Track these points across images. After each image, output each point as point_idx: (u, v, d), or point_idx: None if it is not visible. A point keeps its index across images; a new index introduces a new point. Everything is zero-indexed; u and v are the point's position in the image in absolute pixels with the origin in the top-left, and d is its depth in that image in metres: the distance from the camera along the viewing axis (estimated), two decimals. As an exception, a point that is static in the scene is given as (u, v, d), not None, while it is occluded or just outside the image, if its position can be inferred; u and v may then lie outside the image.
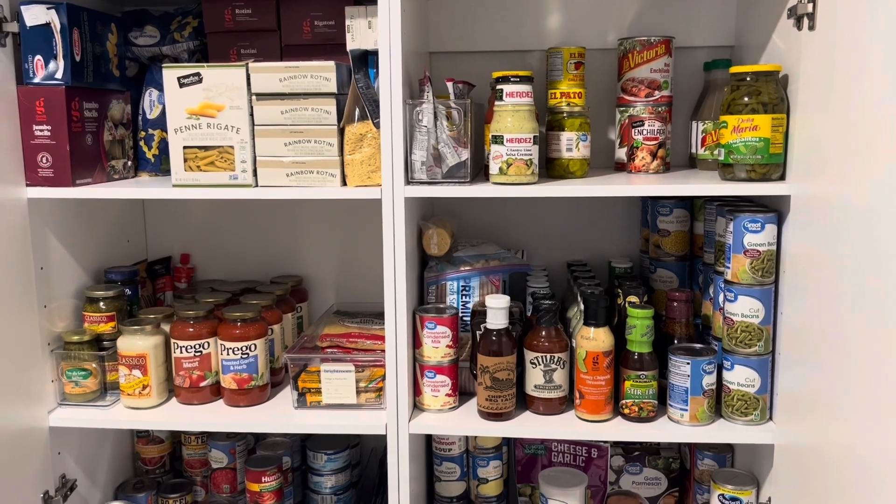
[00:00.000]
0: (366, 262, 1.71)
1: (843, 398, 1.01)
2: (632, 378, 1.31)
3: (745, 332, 1.26)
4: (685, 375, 1.28)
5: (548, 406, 1.35)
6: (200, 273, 1.77)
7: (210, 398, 1.42)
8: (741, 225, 1.24)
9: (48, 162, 1.31)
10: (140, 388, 1.39)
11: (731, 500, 1.36)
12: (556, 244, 1.68)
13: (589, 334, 1.31)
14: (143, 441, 1.68)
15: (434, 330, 1.35)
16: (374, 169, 1.27)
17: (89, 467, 1.53)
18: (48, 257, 1.39)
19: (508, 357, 1.32)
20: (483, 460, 1.56)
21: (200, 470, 1.67)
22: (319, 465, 1.58)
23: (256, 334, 1.40)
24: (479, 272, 1.43)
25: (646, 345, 1.31)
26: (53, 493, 1.39)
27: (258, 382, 1.41)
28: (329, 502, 1.58)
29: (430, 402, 1.37)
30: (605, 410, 1.32)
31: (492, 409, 1.33)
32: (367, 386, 1.39)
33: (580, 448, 1.56)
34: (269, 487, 1.46)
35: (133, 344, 1.39)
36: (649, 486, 1.64)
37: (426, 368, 1.36)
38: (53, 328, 1.41)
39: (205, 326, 1.41)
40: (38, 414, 1.36)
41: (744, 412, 1.28)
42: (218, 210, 1.74)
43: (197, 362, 1.40)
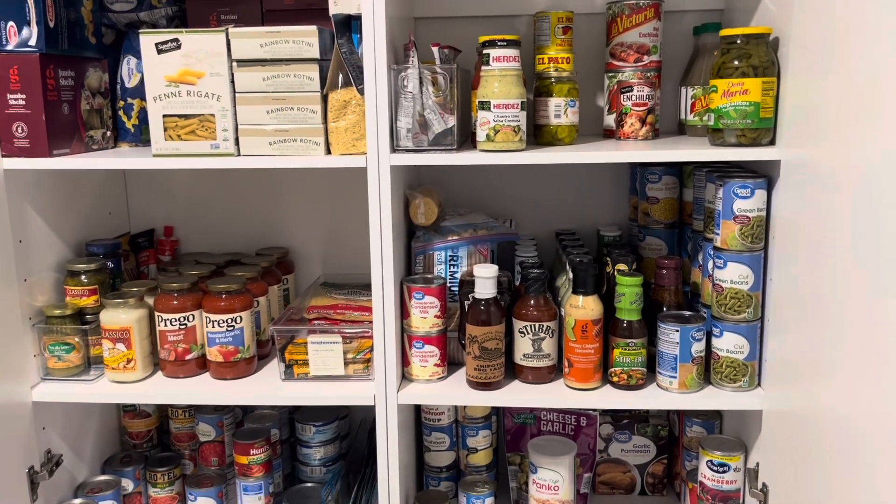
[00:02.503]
0: (352, 234, 1.69)
1: (832, 364, 1.00)
2: (620, 346, 1.30)
3: (734, 298, 1.26)
4: (674, 343, 1.28)
5: (537, 375, 1.34)
6: (184, 246, 1.75)
7: (196, 371, 1.41)
8: (731, 191, 1.23)
9: (24, 132, 1.28)
10: (124, 361, 1.37)
11: (720, 465, 1.37)
12: (545, 213, 1.66)
13: (577, 303, 1.30)
14: (129, 415, 1.67)
15: (422, 300, 1.33)
16: (359, 136, 1.25)
17: (75, 442, 1.52)
18: (27, 230, 1.36)
19: (497, 326, 1.31)
20: (472, 430, 1.56)
21: (188, 444, 1.66)
22: (308, 437, 1.58)
23: (242, 306, 1.38)
24: (466, 242, 1.42)
25: (634, 312, 1.30)
26: (39, 469, 1.37)
27: (244, 355, 1.39)
28: (318, 473, 1.58)
29: (418, 373, 1.36)
30: (593, 379, 1.32)
31: (480, 379, 1.32)
32: (354, 357, 1.37)
33: (569, 417, 1.56)
34: (258, 460, 1.45)
35: (116, 317, 1.37)
36: (638, 454, 1.64)
37: (414, 339, 1.35)
38: (34, 302, 1.38)
39: (189, 299, 1.39)
40: (20, 389, 1.34)
41: (733, 379, 1.28)
42: (201, 181, 1.71)
43: (182, 335, 1.38)
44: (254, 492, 1.46)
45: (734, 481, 1.36)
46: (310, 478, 1.58)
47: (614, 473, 1.66)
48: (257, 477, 1.46)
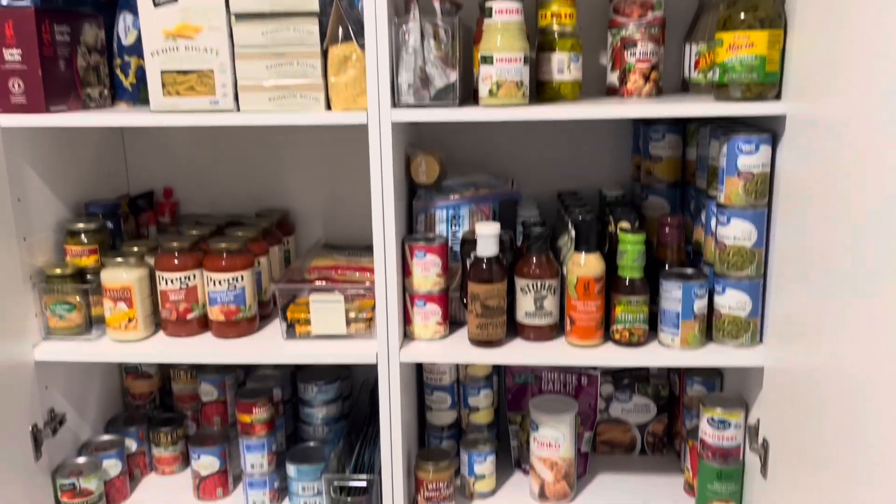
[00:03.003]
0: (353, 196, 1.68)
1: (834, 321, 1.00)
2: (623, 303, 1.30)
3: (737, 255, 1.25)
4: (676, 300, 1.28)
5: (538, 333, 1.34)
6: (184, 208, 1.74)
7: (198, 331, 1.41)
8: (735, 146, 1.22)
9: (20, 88, 1.26)
10: (126, 321, 1.37)
11: (721, 423, 1.37)
12: (547, 174, 1.65)
13: (580, 260, 1.30)
14: (131, 376, 1.67)
15: (424, 258, 1.33)
16: (360, 92, 1.23)
17: (78, 402, 1.52)
18: (25, 188, 1.35)
19: (499, 284, 1.31)
20: (474, 389, 1.57)
21: (191, 404, 1.67)
22: (310, 397, 1.58)
23: (243, 265, 1.38)
24: (468, 201, 1.41)
25: (637, 270, 1.30)
26: (42, 427, 1.38)
27: (246, 314, 1.39)
28: (321, 433, 1.59)
29: (420, 332, 1.36)
30: (595, 336, 1.32)
31: (482, 337, 1.32)
32: (356, 316, 1.37)
33: (570, 376, 1.57)
34: (261, 419, 1.46)
35: (117, 276, 1.36)
36: (638, 413, 1.65)
37: (416, 298, 1.35)
38: (34, 262, 1.38)
39: (190, 258, 1.39)
40: (22, 348, 1.34)
41: (735, 335, 1.29)
42: (200, 142, 1.70)
43: (183, 295, 1.38)
44: (257, 450, 1.46)
45: (734, 437, 1.37)
46: (312, 437, 1.59)
47: (615, 433, 1.67)
48: (260, 436, 1.46)
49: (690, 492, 1.49)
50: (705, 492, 1.40)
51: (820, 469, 1.05)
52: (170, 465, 1.63)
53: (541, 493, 1.49)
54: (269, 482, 1.48)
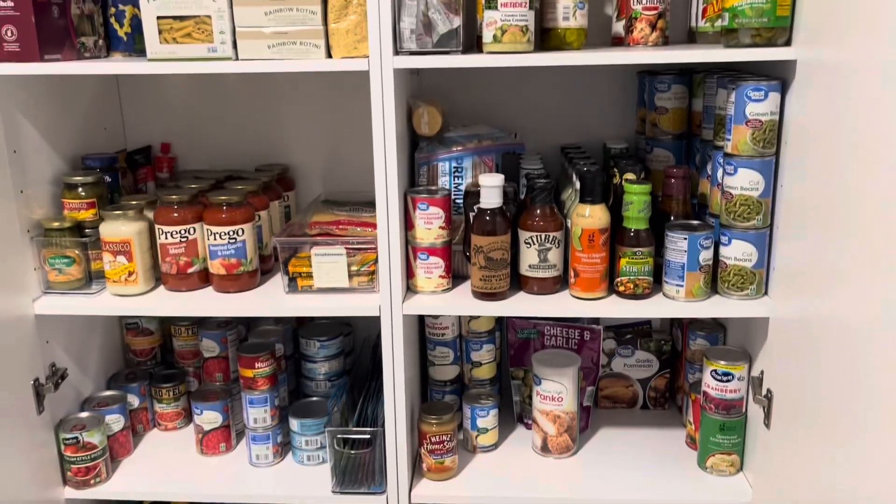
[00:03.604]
0: (353, 150, 1.66)
1: (841, 271, 0.99)
2: (628, 255, 1.29)
3: (743, 205, 1.24)
4: (682, 251, 1.27)
5: (542, 286, 1.33)
6: (182, 163, 1.72)
7: (198, 285, 1.40)
8: (744, 94, 1.20)
9: (13, 35, 1.23)
10: (126, 274, 1.36)
11: (724, 375, 1.37)
12: (550, 127, 1.63)
13: (585, 212, 1.29)
14: (132, 333, 1.67)
15: (426, 211, 1.31)
16: (361, 38, 1.21)
17: (79, 358, 1.52)
18: (21, 140, 1.33)
19: (503, 236, 1.30)
20: (476, 344, 1.56)
21: (192, 361, 1.66)
22: (313, 352, 1.58)
23: (243, 219, 1.36)
24: (471, 152, 1.39)
25: (642, 221, 1.28)
26: (44, 381, 1.37)
27: (247, 268, 1.38)
28: (323, 388, 1.58)
29: (423, 285, 1.35)
30: (599, 288, 1.31)
31: (486, 290, 1.31)
32: (358, 270, 1.36)
33: (573, 331, 1.56)
34: (263, 373, 1.45)
35: (116, 230, 1.35)
36: (641, 368, 1.65)
37: (419, 250, 1.33)
38: (32, 215, 1.36)
39: (190, 212, 1.37)
40: (22, 302, 1.33)
41: (740, 287, 1.28)
42: (198, 96, 1.67)
43: (183, 248, 1.37)
44: (259, 404, 1.46)
45: (737, 390, 1.37)
46: (315, 392, 1.59)
47: (617, 388, 1.67)
48: (263, 390, 1.46)
49: (692, 445, 1.49)
50: (707, 444, 1.41)
51: (824, 419, 1.05)
52: (172, 420, 1.63)
53: (543, 446, 1.49)
54: (272, 436, 1.48)
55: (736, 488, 1.38)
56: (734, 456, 1.40)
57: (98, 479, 1.43)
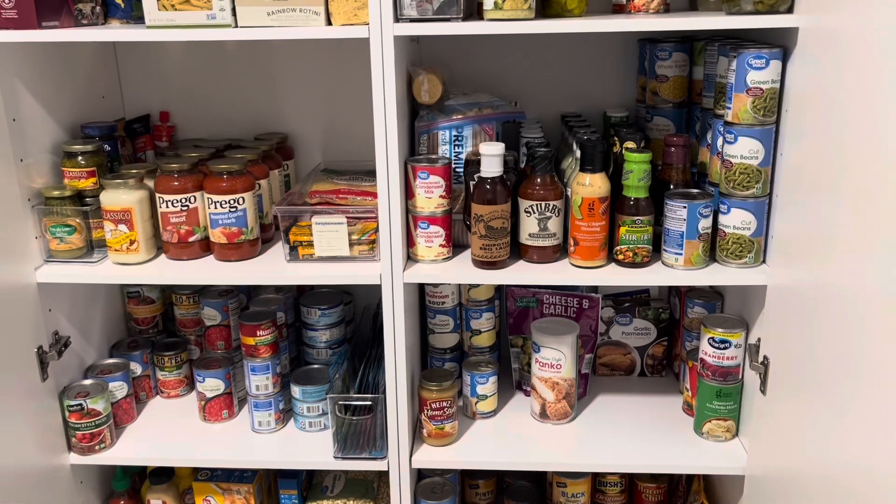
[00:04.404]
0: (353, 120, 1.66)
1: (840, 240, 1.00)
2: (627, 224, 1.29)
3: (743, 174, 1.24)
4: (681, 220, 1.27)
5: (542, 254, 1.34)
6: (181, 132, 1.71)
7: (200, 253, 1.40)
8: (745, 62, 1.19)
9: (11, 2, 1.22)
10: (127, 243, 1.36)
11: (721, 342, 1.39)
12: (550, 96, 1.62)
13: (585, 180, 1.29)
14: (133, 301, 1.68)
15: (427, 180, 1.31)
16: (361, 5, 1.20)
17: (82, 326, 1.53)
18: (20, 108, 1.32)
19: (503, 205, 1.30)
20: (476, 312, 1.58)
21: (194, 329, 1.67)
22: (314, 321, 1.59)
23: (244, 187, 1.36)
24: (471, 121, 1.39)
25: (642, 190, 1.29)
26: (48, 349, 1.39)
27: (248, 237, 1.38)
28: (324, 356, 1.60)
29: (423, 253, 1.36)
30: (599, 257, 1.32)
31: (486, 258, 1.32)
32: (359, 238, 1.37)
33: (571, 300, 1.57)
34: (265, 341, 1.47)
35: (117, 198, 1.35)
36: (639, 336, 1.67)
37: (419, 219, 1.34)
38: (32, 184, 1.36)
39: (190, 180, 1.37)
40: (24, 270, 1.34)
41: (738, 255, 1.29)
42: (196, 64, 1.66)
43: (184, 217, 1.37)
44: (261, 372, 1.48)
45: (734, 357, 1.39)
46: (316, 360, 1.60)
47: (614, 355, 1.69)
48: (264, 357, 1.47)
49: (689, 411, 1.51)
50: (704, 410, 1.43)
51: (820, 386, 1.06)
52: (175, 388, 1.65)
53: (542, 412, 1.51)
54: (274, 403, 1.50)
55: (732, 453, 1.40)
56: (730, 422, 1.42)
57: (102, 445, 1.45)
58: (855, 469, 0.94)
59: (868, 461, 0.91)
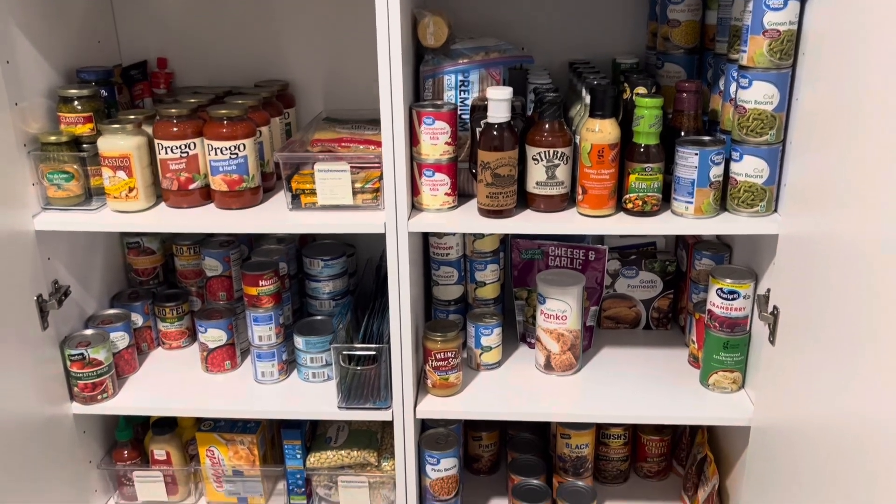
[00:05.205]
0: (356, 67, 1.62)
1: (854, 188, 0.98)
2: (637, 171, 1.27)
3: (756, 119, 1.21)
4: (692, 167, 1.25)
5: (549, 203, 1.32)
6: (179, 79, 1.67)
7: (200, 202, 1.37)
8: (762, 2, 1.15)
9: (0, -63, 1.18)
10: (126, 190, 1.34)
11: (730, 293, 1.37)
12: (557, 44, 1.58)
13: (594, 126, 1.26)
14: (133, 252, 1.66)
15: (432, 125, 1.28)
16: (365, -59, 1.15)
17: (82, 276, 1.51)
18: (13, 51, 1.28)
19: (510, 152, 1.27)
20: (481, 264, 1.56)
21: (195, 280, 1.66)
22: (317, 272, 1.57)
23: (244, 133, 1.33)
24: (478, 65, 1.35)
25: (653, 136, 1.26)
26: (47, 297, 1.37)
27: (249, 184, 1.35)
28: (327, 307, 1.58)
29: (428, 202, 1.33)
30: (607, 205, 1.29)
31: (492, 207, 1.30)
32: (363, 187, 1.34)
33: (577, 251, 1.55)
34: (267, 291, 1.45)
35: (115, 144, 1.32)
36: (644, 289, 1.65)
37: (424, 167, 1.31)
38: (28, 129, 1.33)
39: (189, 126, 1.34)
40: (22, 217, 1.31)
41: (750, 204, 1.26)
42: (195, 9, 1.62)
43: (184, 164, 1.34)
44: (264, 322, 1.46)
45: (742, 308, 1.37)
46: (319, 311, 1.59)
47: (620, 308, 1.68)
48: (267, 308, 1.46)
49: (695, 364, 1.51)
50: (710, 362, 1.42)
51: (829, 337, 1.05)
52: (176, 339, 1.63)
53: (546, 364, 1.50)
54: (277, 354, 1.49)
55: (738, 405, 1.39)
56: (736, 373, 1.41)
57: (105, 394, 1.44)
58: (863, 421, 0.93)
59: (877, 413, 0.90)
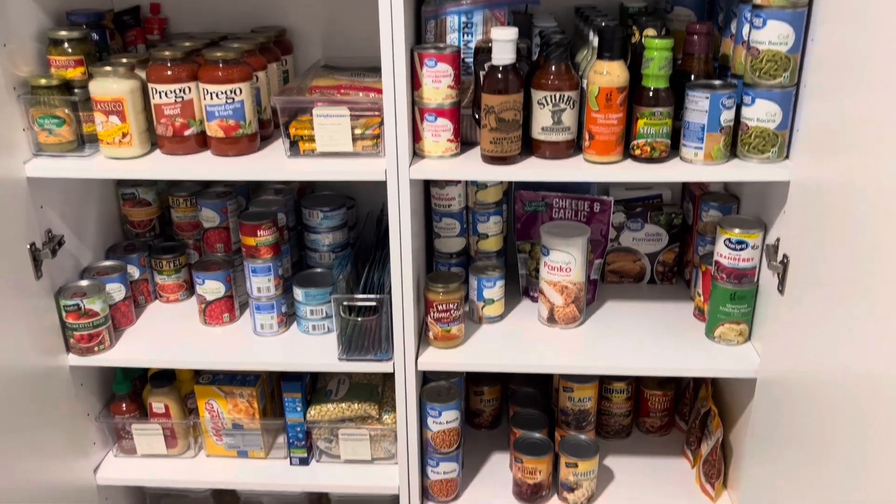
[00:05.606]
0: (355, 13, 1.57)
1: (870, 133, 0.94)
2: (646, 115, 1.23)
3: (770, 61, 1.17)
4: (703, 111, 1.21)
5: (554, 150, 1.28)
6: (173, 26, 1.62)
7: (196, 149, 1.34)
8: (779, -63, 1.11)
9: None
10: (119, 136, 1.30)
11: (738, 243, 1.34)
12: (563, -12, 1.53)
13: (602, 69, 1.22)
14: (129, 203, 1.62)
15: (434, 68, 1.24)
16: None
17: (76, 226, 1.48)
18: (0, -11, 1.24)
19: (515, 95, 1.23)
20: (483, 216, 1.53)
21: (192, 233, 1.63)
22: (316, 223, 1.54)
23: (241, 77, 1.29)
24: (482, 6, 1.31)
25: (662, 79, 1.22)
26: (41, 247, 1.34)
27: (246, 131, 1.32)
28: (327, 259, 1.56)
29: (430, 148, 1.29)
30: (615, 151, 1.26)
31: (496, 153, 1.26)
32: (363, 133, 1.30)
33: (582, 203, 1.52)
34: (266, 241, 1.42)
35: (107, 87, 1.28)
36: (649, 242, 1.63)
37: (426, 112, 1.27)
38: (17, 72, 1.29)
39: (184, 70, 1.30)
40: (13, 163, 1.28)
41: (761, 149, 1.23)
42: (187, -49, 1.56)
43: (179, 109, 1.30)
44: (262, 273, 1.44)
45: (751, 259, 1.35)
46: (318, 264, 1.56)
47: (624, 262, 1.65)
48: (265, 259, 1.43)
49: (700, 317, 1.48)
50: (717, 314, 1.40)
51: (839, 287, 1.02)
52: (174, 292, 1.61)
53: (550, 317, 1.48)
54: (277, 306, 1.47)
55: (744, 357, 1.37)
56: (743, 325, 1.39)
57: (101, 346, 1.42)
58: (873, 374, 0.91)
59: (888, 366, 0.87)
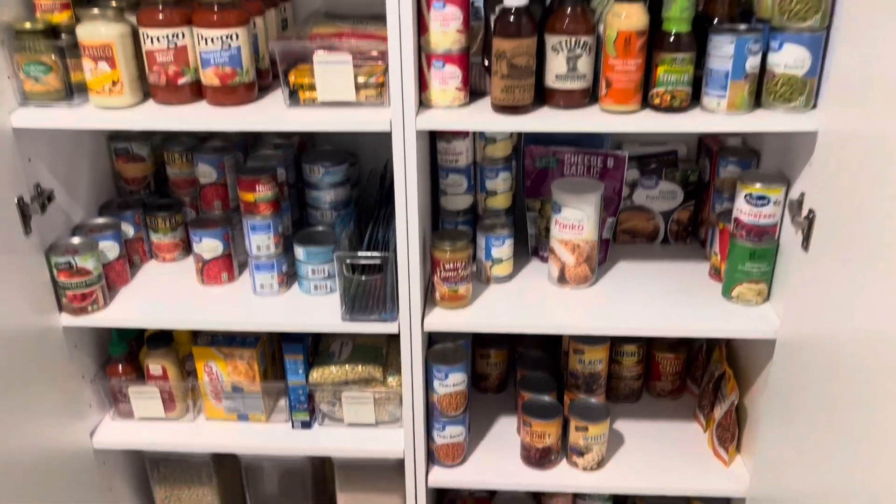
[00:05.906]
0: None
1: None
2: (667, 62, 1.16)
3: (801, 2, 1.10)
4: (727, 57, 1.14)
5: (569, 99, 1.21)
6: (166, -28, 1.54)
7: (191, 98, 1.27)
8: None
9: None
10: (109, 84, 1.23)
11: (759, 199, 1.28)
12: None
13: (621, 12, 1.15)
14: (122, 159, 1.56)
15: (442, 10, 1.17)
16: None
17: (67, 181, 1.42)
18: (-22, -76, 1.16)
19: (528, 40, 1.16)
20: (492, 171, 1.46)
21: (188, 190, 1.56)
22: (317, 179, 1.47)
23: (237, 21, 1.22)
24: (493, -55, 1.23)
25: (685, 23, 1.15)
26: (29, 201, 1.28)
27: (243, 79, 1.25)
28: (329, 217, 1.49)
29: (437, 97, 1.23)
30: (633, 100, 1.19)
31: (508, 102, 1.20)
32: (366, 81, 1.23)
33: (595, 158, 1.46)
34: (265, 197, 1.36)
35: (95, 31, 1.21)
36: (664, 200, 1.57)
37: (434, 58, 1.20)
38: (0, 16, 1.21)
39: (177, 13, 1.22)
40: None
41: (788, 98, 1.16)
42: None
43: (172, 56, 1.23)
44: (262, 231, 1.38)
45: (772, 215, 1.29)
46: (320, 222, 1.50)
47: (637, 221, 1.59)
48: (265, 216, 1.37)
49: (716, 276, 1.43)
50: (735, 273, 1.34)
51: (869, 241, 0.97)
52: (170, 251, 1.55)
53: (560, 276, 1.43)
54: (277, 265, 1.41)
55: (763, 317, 1.32)
56: (762, 285, 1.33)
57: (95, 306, 1.37)
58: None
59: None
